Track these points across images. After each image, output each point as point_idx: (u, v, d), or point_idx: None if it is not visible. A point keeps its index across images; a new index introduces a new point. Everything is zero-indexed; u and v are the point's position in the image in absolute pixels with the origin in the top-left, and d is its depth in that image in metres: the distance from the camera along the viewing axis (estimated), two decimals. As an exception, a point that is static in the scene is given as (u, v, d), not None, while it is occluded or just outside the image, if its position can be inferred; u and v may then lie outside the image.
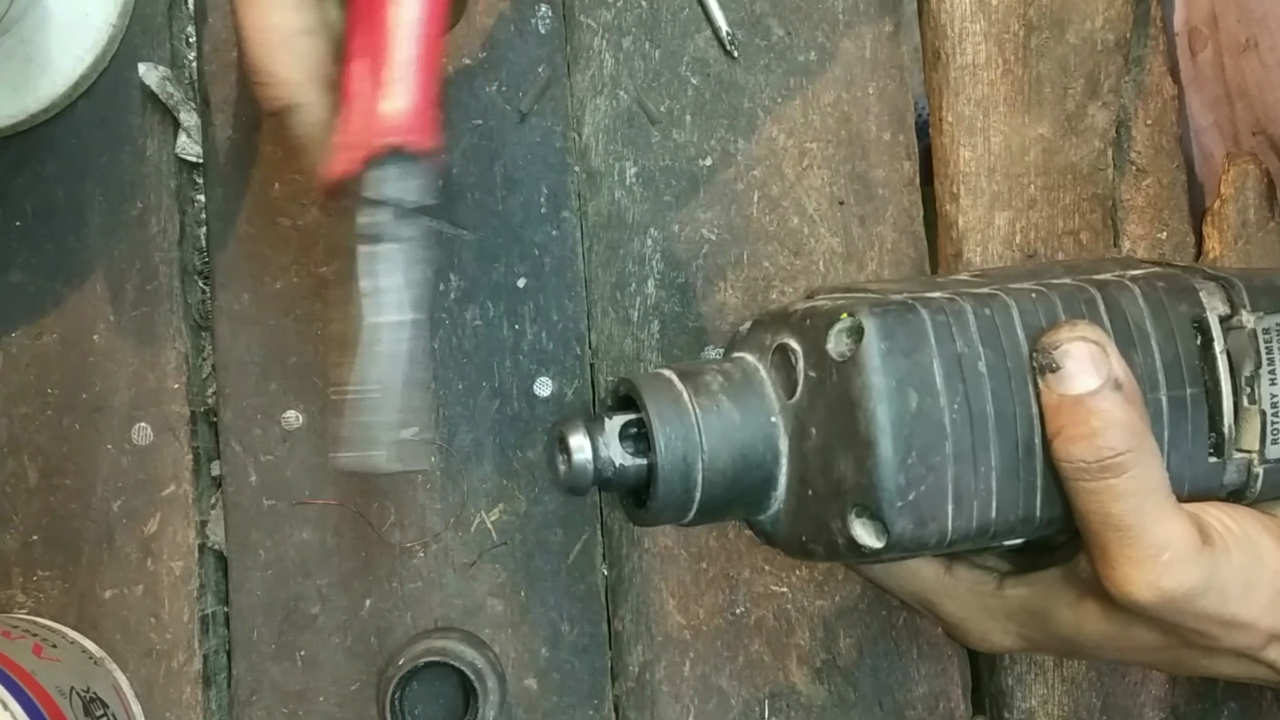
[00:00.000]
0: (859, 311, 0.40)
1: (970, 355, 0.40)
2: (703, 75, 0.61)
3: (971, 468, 0.40)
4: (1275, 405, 0.44)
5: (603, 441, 0.41)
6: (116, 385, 0.58)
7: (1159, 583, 0.40)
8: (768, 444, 0.42)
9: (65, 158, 0.59)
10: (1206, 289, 0.44)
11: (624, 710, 0.59)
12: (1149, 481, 0.40)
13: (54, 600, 0.58)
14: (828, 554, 0.42)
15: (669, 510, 0.42)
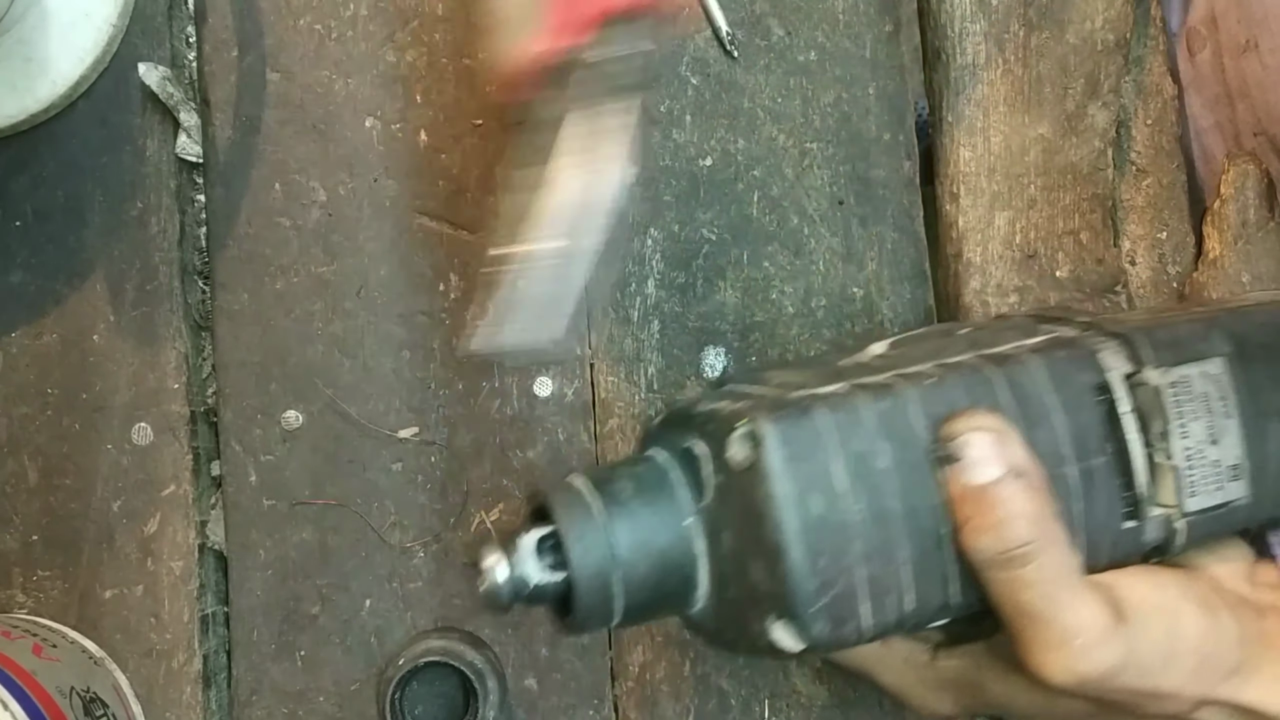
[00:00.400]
0: (756, 418, 0.40)
1: (871, 453, 0.40)
2: (703, 75, 0.61)
3: (883, 564, 0.40)
4: (1190, 459, 0.44)
5: (518, 560, 0.41)
6: (116, 385, 0.58)
7: (1075, 667, 0.41)
8: (683, 548, 0.42)
9: (65, 158, 0.59)
10: (1109, 349, 0.44)
11: (624, 710, 0.59)
12: (1057, 569, 0.40)
13: (54, 600, 0.58)
14: (749, 651, 0.42)
15: (592, 620, 0.41)
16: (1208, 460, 0.44)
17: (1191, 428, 0.44)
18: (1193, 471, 0.44)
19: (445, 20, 0.60)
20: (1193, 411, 0.44)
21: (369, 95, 0.60)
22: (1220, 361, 0.45)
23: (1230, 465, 0.44)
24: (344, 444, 0.59)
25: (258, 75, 0.60)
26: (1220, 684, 0.43)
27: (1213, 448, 0.44)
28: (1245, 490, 0.45)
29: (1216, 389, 0.45)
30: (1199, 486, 0.44)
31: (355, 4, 0.60)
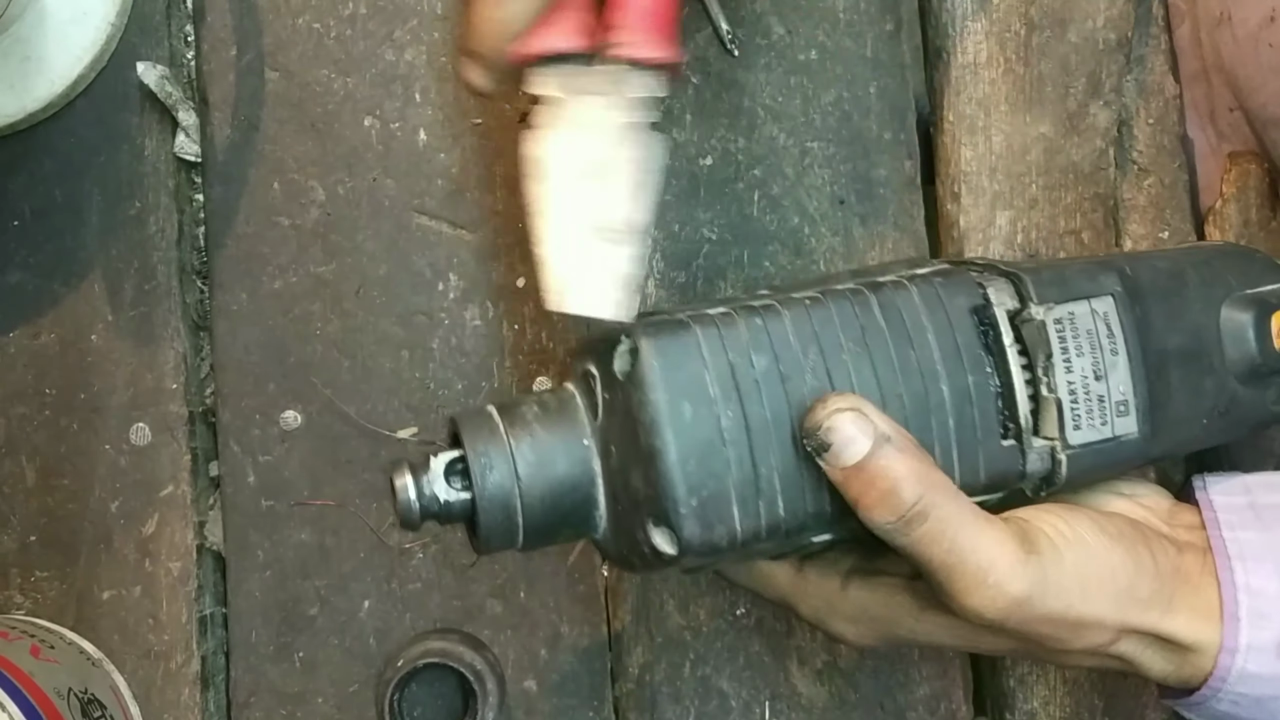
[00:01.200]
0: (635, 332, 0.43)
1: (743, 365, 0.43)
2: (703, 75, 0.60)
3: (753, 471, 0.42)
4: (1073, 392, 0.45)
5: (427, 480, 0.44)
6: (114, 385, 0.58)
7: (994, 603, 0.42)
8: (582, 467, 0.44)
9: (63, 157, 0.59)
10: (995, 285, 0.46)
11: (624, 711, 0.59)
12: (955, 516, 0.42)
13: (52, 601, 0.57)
14: (643, 564, 0.44)
15: (496, 536, 0.44)
16: (1093, 395, 0.46)
17: (1076, 363, 0.45)
18: (1076, 405, 0.45)
19: (445, 19, 0.60)
20: (1078, 347, 0.46)
21: (368, 94, 0.60)
22: (1109, 300, 0.46)
23: (1118, 401, 0.46)
24: (343, 444, 0.58)
25: (256, 74, 0.59)
26: (1141, 613, 0.45)
27: (1098, 383, 0.46)
28: (1135, 426, 0.46)
29: (1104, 326, 0.46)
30: (1084, 420, 0.45)
31: (354, 2, 0.60)
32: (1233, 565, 0.46)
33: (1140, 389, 0.46)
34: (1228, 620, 0.45)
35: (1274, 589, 0.45)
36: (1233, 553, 0.46)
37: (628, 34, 0.46)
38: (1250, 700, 0.46)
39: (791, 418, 0.43)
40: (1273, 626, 0.45)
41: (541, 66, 0.47)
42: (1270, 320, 0.49)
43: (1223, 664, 0.45)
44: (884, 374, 0.44)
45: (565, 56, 0.47)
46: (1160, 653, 0.46)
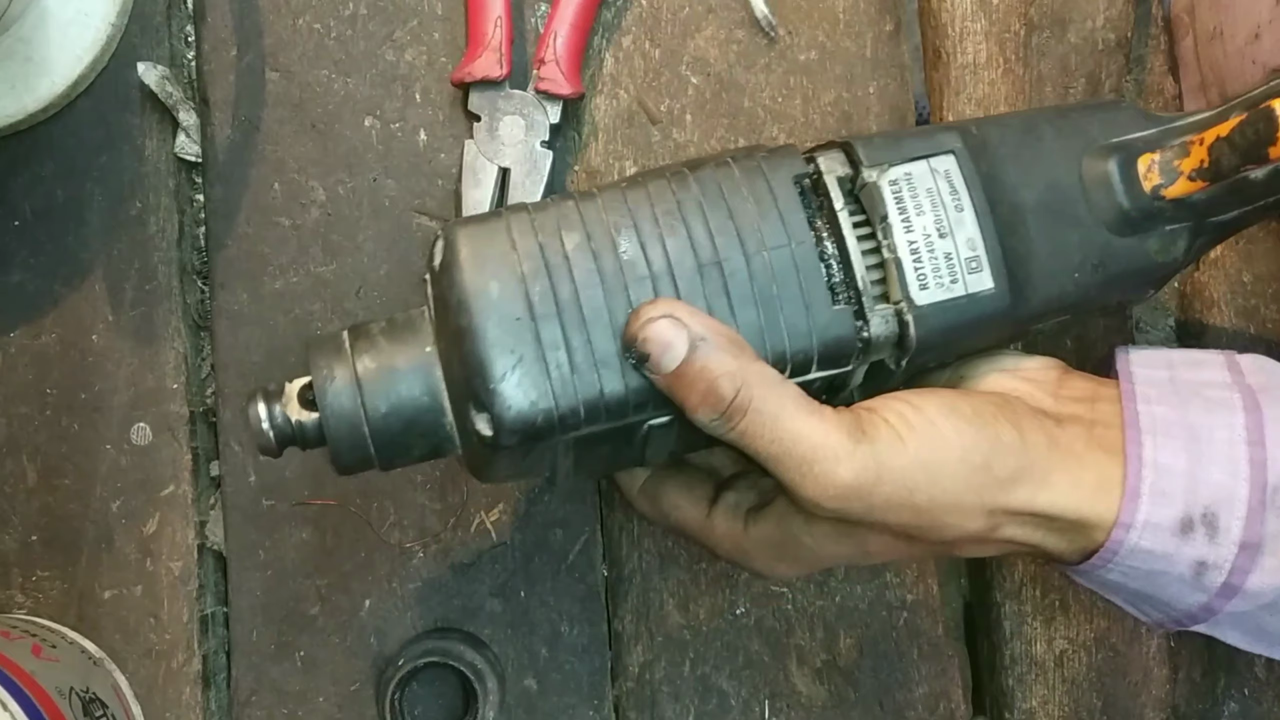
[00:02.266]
0: (449, 226, 0.44)
1: (552, 243, 0.43)
2: (703, 75, 0.60)
3: (565, 345, 0.42)
4: (915, 250, 0.45)
5: (279, 406, 0.45)
6: (115, 385, 0.58)
7: (826, 491, 0.42)
8: (425, 374, 0.44)
9: (64, 157, 0.59)
10: (826, 155, 0.46)
11: (624, 710, 0.59)
12: (776, 406, 0.42)
13: (53, 600, 0.58)
14: (483, 460, 0.44)
15: (348, 453, 0.44)
16: (938, 253, 0.45)
17: (917, 221, 0.45)
18: (920, 264, 0.45)
19: (445, 19, 0.60)
20: (917, 206, 0.45)
21: (368, 94, 0.60)
22: (949, 158, 0.46)
23: (967, 257, 0.45)
24: (343, 444, 0.58)
25: (257, 74, 0.59)
26: (1006, 492, 0.44)
27: (943, 240, 0.45)
28: (990, 281, 0.45)
29: (946, 184, 0.46)
30: (930, 279, 0.45)
31: (354, 3, 0.60)
32: (1142, 439, 0.45)
33: (991, 243, 0.45)
34: (1128, 495, 0.44)
35: (1181, 466, 0.44)
36: (1144, 426, 0.45)
37: (548, 70, 0.57)
38: (1140, 573, 0.45)
39: (605, 292, 0.43)
40: (1174, 505, 0.44)
41: (475, 89, 0.57)
42: (1137, 164, 0.47)
43: (1116, 537, 0.44)
44: (700, 245, 0.44)
45: (494, 82, 0.57)
46: (1050, 531, 0.45)
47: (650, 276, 0.43)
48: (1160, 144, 0.48)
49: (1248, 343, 0.60)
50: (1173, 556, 0.44)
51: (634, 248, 0.43)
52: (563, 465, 0.46)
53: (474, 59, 0.57)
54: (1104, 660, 0.59)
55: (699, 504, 0.49)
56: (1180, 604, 0.46)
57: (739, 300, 0.44)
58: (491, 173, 0.58)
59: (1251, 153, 0.44)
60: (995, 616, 0.60)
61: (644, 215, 0.44)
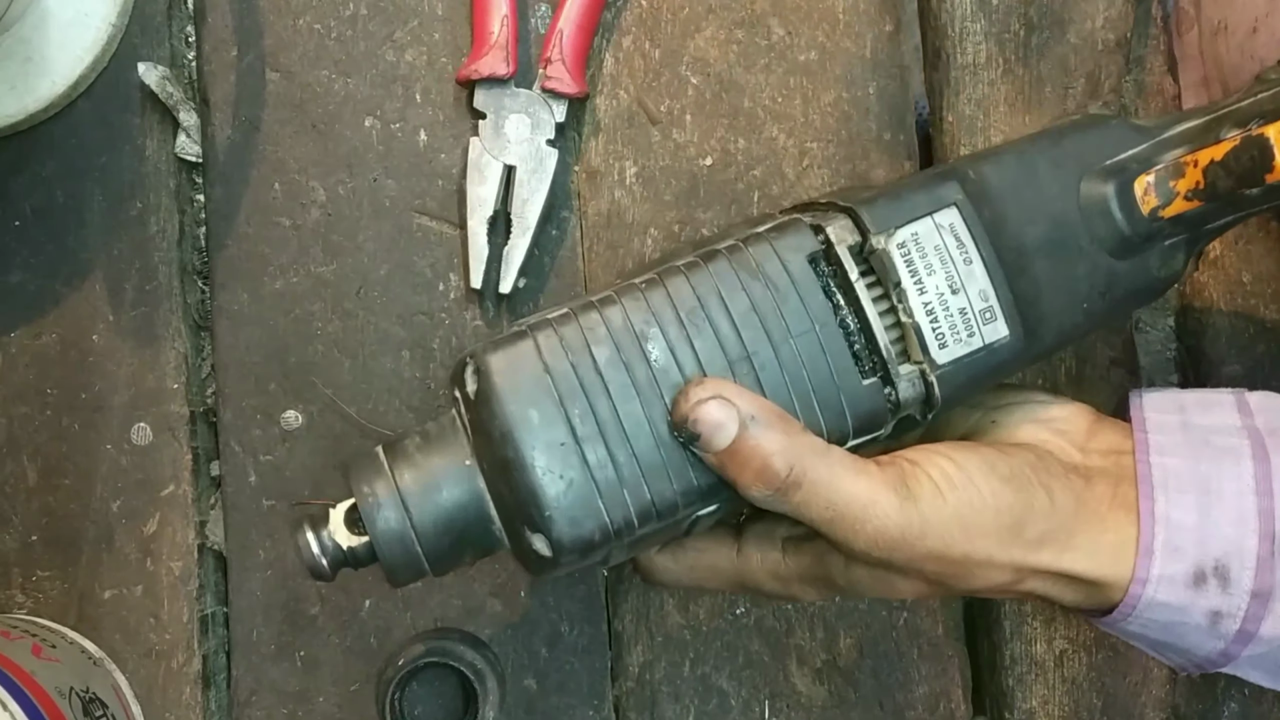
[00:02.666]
0: (478, 352, 0.44)
1: (583, 361, 0.44)
2: (703, 75, 0.61)
3: (610, 461, 0.43)
4: (931, 311, 0.46)
5: (327, 533, 0.45)
6: (116, 385, 0.58)
7: (876, 544, 0.44)
8: (468, 486, 0.45)
9: (65, 157, 0.59)
10: (834, 224, 0.46)
11: (624, 710, 0.59)
12: (827, 475, 0.43)
13: (53, 600, 0.58)
14: (540, 569, 0.45)
15: (402, 569, 0.45)
16: (953, 310, 0.46)
17: (929, 282, 0.46)
18: (937, 324, 0.46)
19: (445, 19, 0.60)
20: (928, 266, 0.46)
21: (368, 94, 0.60)
22: (952, 211, 0.46)
23: (981, 309, 0.46)
24: (344, 444, 0.59)
25: (257, 75, 0.59)
26: (1033, 553, 0.46)
27: (956, 296, 0.46)
28: (1005, 330, 0.46)
29: (952, 238, 0.46)
30: (948, 337, 0.46)
31: (355, 3, 0.60)
32: (1155, 495, 0.46)
33: (1002, 291, 0.46)
34: (1142, 552, 0.46)
35: (1192, 520, 0.46)
36: (1157, 480, 0.47)
37: (555, 69, 0.58)
38: (1158, 625, 0.47)
39: (643, 402, 0.43)
40: (1186, 559, 0.46)
41: (480, 86, 0.58)
42: (1134, 187, 0.48)
43: (1133, 593, 0.46)
44: (728, 341, 0.44)
45: (500, 80, 0.57)
46: (1068, 588, 0.47)
47: (684, 380, 0.44)
48: (1153, 161, 0.48)
49: (1247, 342, 0.60)
50: (1188, 608, 0.46)
51: (664, 353, 0.44)
52: (615, 556, 0.47)
53: (479, 56, 0.58)
54: (1104, 660, 0.60)
55: (723, 543, 0.50)
56: (1199, 651, 0.47)
57: (772, 390, 0.44)
58: (496, 170, 0.58)
59: (1247, 178, 0.45)
60: (995, 616, 0.60)
61: (668, 318, 0.44)
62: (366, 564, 0.46)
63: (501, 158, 0.58)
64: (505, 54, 0.57)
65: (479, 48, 0.58)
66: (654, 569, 0.51)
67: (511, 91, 0.58)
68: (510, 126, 0.58)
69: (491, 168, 0.58)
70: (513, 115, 0.58)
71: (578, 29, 0.58)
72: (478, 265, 0.58)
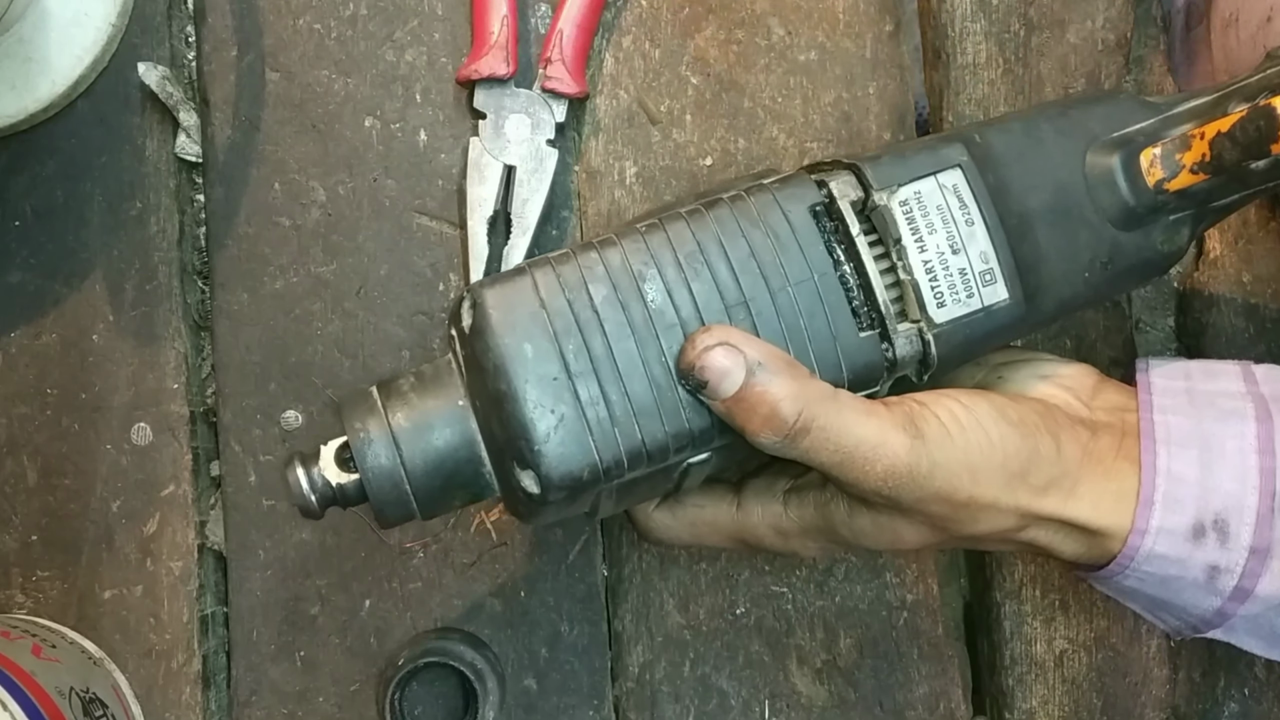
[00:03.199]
0: (475, 288, 0.44)
1: (580, 298, 0.44)
2: (703, 75, 0.61)
3: (603, 399, 0.43)
4: (930, 270, 0.46)
5: (318, 469, 0.45)
6: (116, 385, 0.58)
7: (885, 481, 0.44)
8: (460, 427, 0.45)
9: (64, 157, 0.59)
10: (838, 179, 0.46)
11: (624, 710, 0.59)
12: (836, 419, 0.43)
13: (53, 600, 0.58)
14: (527, 511, 0.45)
15: (390, 508, 0.45)
16: (953, 270, 0.46)
17: (929, 240, 0.46)
18: (936, 282, 0.46)
19: (445, 19, 0.60)
20: (929, 225, 0.46)
21: (368, 94, 0.60)
22: (956, 172, 0.46)
23: (981, 271, 0.46)
24: (344, 444, 0.58)
25: (257, 75, 0.59)
26: (1038, 498, 0.46)
27: (956, 256, 0.46)
28: (1005, 293, 0.46)
29: (955, 199, 0.46)
30: (947, 296, 0.46)
31: (355, 3, 0.60)
32: (1157, 449, 0.47)
33: (1003, 254, 0.46)
34: (1142, 503, 0.46)
35: (1193, 475, 0.46)
36: (1159, 436, 0.47)
37: (555, 69, 0.58)
38: (1155, 579, 0.47)
39: (637, 342, 0.43)
40: (1186, 512, 0.46)
41: (480, 86, 0.58)
42: (1139, 158, 0.48)
43: (1131, 544, 0.46)
44: (725, 286, 0.44)
45: (499, 80, 0.57)
46: (1070, 537, 0.47)
47: (680, 323, 0.44)
48: (1160, 135, 0.48)
49: (1247, 342, 0.60)
50: (1185, 561, 0.46)
51: (661, 295, 0.44)
52: (605, 505, 0.47)
53: (479, 56, 0.58)
54: (1104, 660, 0.60)
55: (723, 499, 0.50)
56: (1195, 609, 0.48)
57: (768, 336, 0.44)
58: (496, 170, 0.58)
59: (1253, 149, 0.44)
60: (995, 616, 0.60)
61: (667, 260, 0.44)
62: (355, 503, 0.46)
63: (501, 158, 0.58)
64: (505, 54, 0.57)
65: (479, 48, 0.58)
66: (653, 526, 0.51)
67: (511, 91, 0.58)
68: (510, 126, 0.58)
69: (492, 168, 0.58)
70: (513, 115, 0.58)
71: (578, 29, 0.58)
72: (478, 265, 0.58)
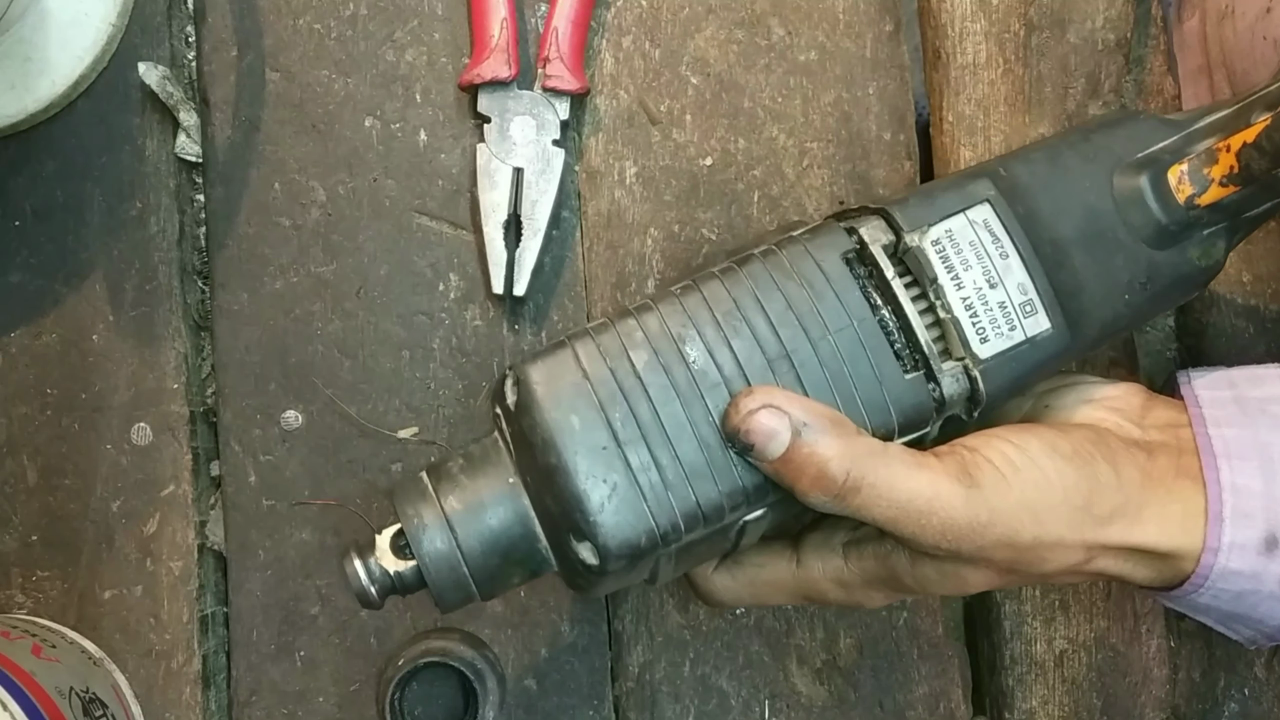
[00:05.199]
0: (518, 364, 0.44)
1: (622, 366, 0.44)
2: (703, 75, 0.61)
3: (654, 465, 0.43)
4: (970, 306, 0.46)
5: (374, 559, 0.45)
6: (116, 385, 0.58)
7: (944, 538, 0.43)
8: (513, 505, 0.45)
9: (64, 157, 0.59)
10: (867, 225, 0.46)
11: (624, 710, 0.59)
12: (886, 475, 0.43)
13: (53, 600, 0.58)
14: (587, 583, 0.45)
15: (450, 593, 0.45)
16: (992, 304, 0.46)
17: (966, 277, 0.46)
18: (977, 318, 0.46)
19: (445, 19, 0.60)
20: (964, 262, 0.46)
21: (368, 95, 0.60)
22: (985, 207, 0.46)
23: (1020, 303, 0.46)
24: (344, 444, 0.59)
25: (257, 75, 0.59)
26: (1104, 529, 0.45)
27: (994, 291, 0.46)
28: (1046, 322, 0.46)
29: (987, 234, 0.46)
30: (989, 331, 0.46)
31: (355, 3, 0.60)
32: (1218, 464, 0.46)
33: (1041, 284, 0.46)
34: (1211, 520, 0.45)
35: (1258, 486, 0.45)
36: (1218, 450, 0.46)
37: (554, 67, 0.58)
38: (1230, 595, 0.46)
39: (683, 404, 0.43)
40: (1256, 524, 0.45)
41: (484, 90, 0.58)
42: (1167, 177, 0.48)
43: (1205, 562, 0.46)
44: (765, 340, 0.44)
45: (502, 83, 0.57)
46: (1140, 563, 0.47)
47: (723, 381, 0.44)
48: (1185, 151, 0.48)
49: (1247, 342, 0.60)
50: (1260, 575, 0.46)
51: (702, 355, 0.44)
52: (664, 570, 0.46)
53: (481, 60, 0.58)
54: (1104, 660, 0.60)
55: (782, 556, 0.49)
56: (1272, 620, 0.47)
57: (813, 388, 0.44)
58: (506, 174, 0.58)
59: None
60: (995, 616, 0.60)
61: (705, 320, 0.44)
62: (414, 590, 0.45)
63: (509, 161, 0.58)
64: (507, 56, 0.57)
65: (480, 51, 0.58)
66: (714, 590, 0.50)
67: (515, 94, 0.58)
68: (515, 129, 0.58)
69: (501, 172, 0.58)
70: (517, 118, 0.58)
71: (573, 25, 0.58)
72: (498, 270, 0.57)
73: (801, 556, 0.49)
